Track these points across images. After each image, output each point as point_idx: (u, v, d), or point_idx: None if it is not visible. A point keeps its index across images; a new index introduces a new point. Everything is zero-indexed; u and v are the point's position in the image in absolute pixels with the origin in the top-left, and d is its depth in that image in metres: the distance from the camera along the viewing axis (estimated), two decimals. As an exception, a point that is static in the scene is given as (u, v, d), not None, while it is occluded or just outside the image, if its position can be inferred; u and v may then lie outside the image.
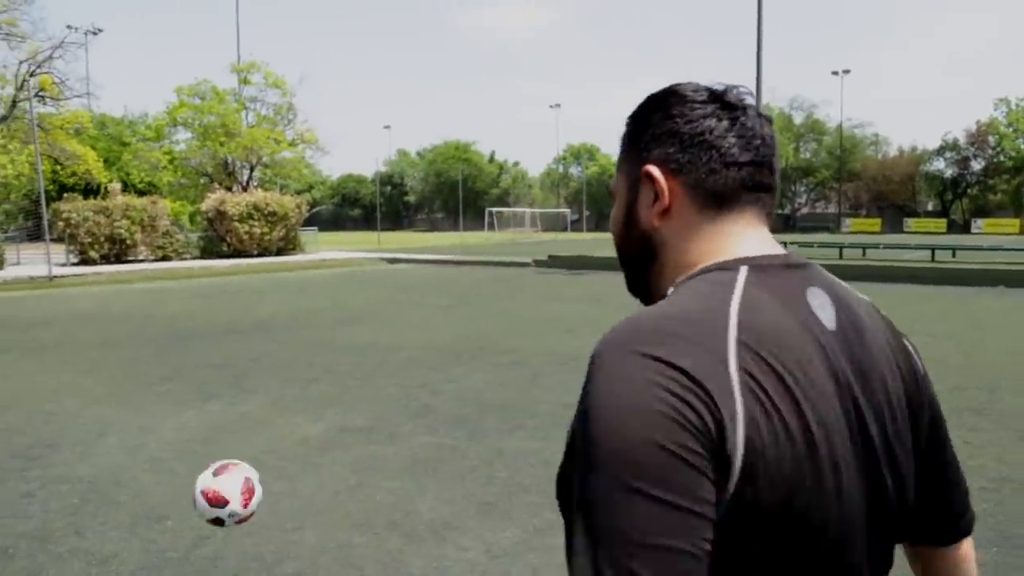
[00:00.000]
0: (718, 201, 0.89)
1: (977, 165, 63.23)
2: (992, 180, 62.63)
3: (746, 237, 0.89)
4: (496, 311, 12.86)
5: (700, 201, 0.89)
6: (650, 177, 0.91)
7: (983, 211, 61.13)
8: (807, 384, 0.76)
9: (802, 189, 71.91)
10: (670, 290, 0.88)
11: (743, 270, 0.84)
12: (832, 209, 69.35)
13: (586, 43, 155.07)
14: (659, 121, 0.92)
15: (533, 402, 6.48)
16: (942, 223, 58.15)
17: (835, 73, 63.36)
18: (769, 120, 0.94)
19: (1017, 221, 55.44)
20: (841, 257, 22.18)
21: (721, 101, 0.92)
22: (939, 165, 64.83)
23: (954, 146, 63.29)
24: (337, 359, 8.52)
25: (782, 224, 64.18)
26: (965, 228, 57.05)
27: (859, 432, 0.80)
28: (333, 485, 4.62)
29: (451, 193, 73.15)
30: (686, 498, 0.69)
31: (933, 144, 66.65)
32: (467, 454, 5.16)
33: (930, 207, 66.50)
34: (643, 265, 0.95)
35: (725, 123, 0.90)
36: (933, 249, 21.28)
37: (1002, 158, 61.15)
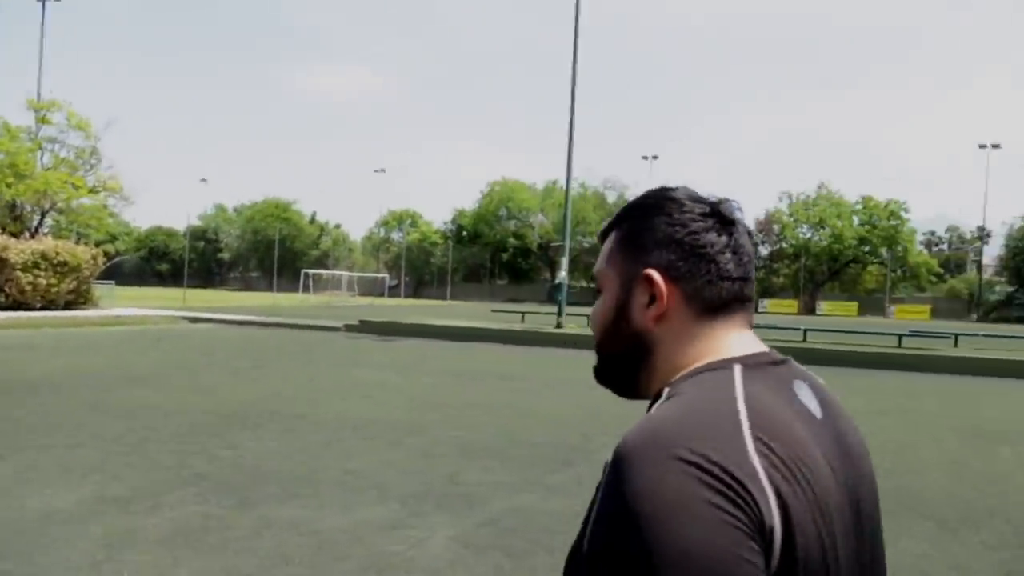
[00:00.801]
0: (712, 310, 0.94)
1: (764, 250, 69.67)
2: (776, 264, 69.18)
3: (735, 340, 0.94)
4: (295, 375, 12.50)
5: (696, 309, 0.94)
6: (650, 281, 0.94)
7: (769, 292, 67.15)
8: (810, 471, 0.81)
9: (612, 264, 76.06)
10: (666, 390, 0.90)
11: (736, 368, 0.89)
12: (639, 285, 73.66)
13: (416, 109, 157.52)
14: (661, 226, 0.96)
15: (317, 470, 6.32)
16: (734, 302, 63.28)
17: (645, 158, 68.25)
18: (751, 234, 1.00)
19: (796, 302, 61.35)
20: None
21: (719, 215, 0.97)
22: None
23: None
24: (109, 423, 7.91)
25: (593, 297, 67.12)
26: (754, 307, 62.29)
27: (851, 513, 0.86)
28: (75, 561, 4.26)
29: (267, 252, 71.08)
30: None
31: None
32: (233, 524, 4.93)
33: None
34: (631, 362, 0.98)
35: (724, 239, 0.95)
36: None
37: (784, 245, 67.84)
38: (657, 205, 0.98)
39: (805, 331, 20.95)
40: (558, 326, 23.58)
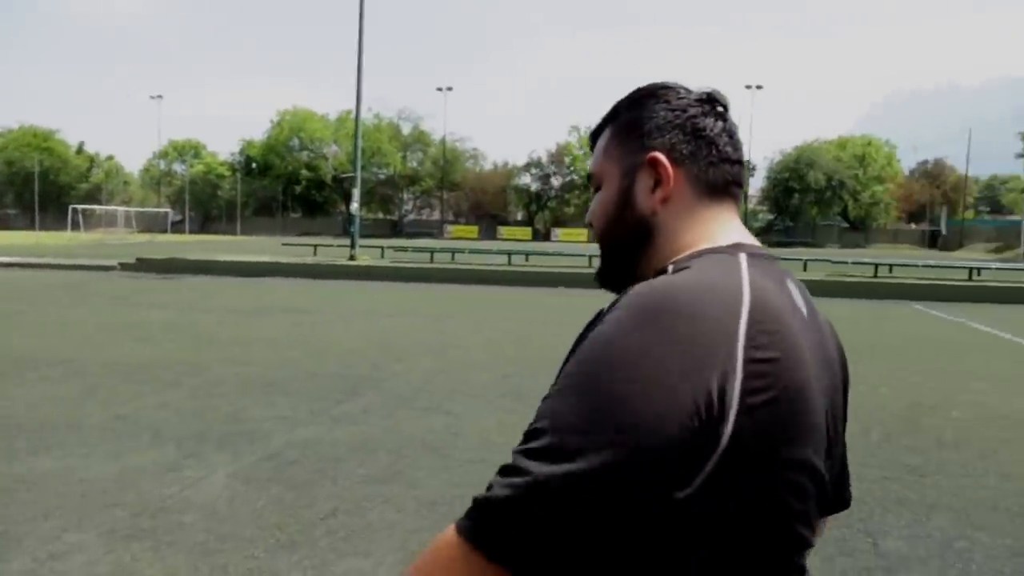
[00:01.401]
0: (712, 192, 0.96)
1: (557, 181, 72.15)
2: (568, 195, 71.92)
3: (732, 226, 0.96)
4: (59, 319, 11.48)
5: (698, 191, 0.95)
6: (654, 164, 0.95)
7: (561, 222, 69.88)
8: (804, 360, 0.80)
9: (409, 196, 75.64)
10: (670, 266, 0.90)
11: (742, 255, 0.89)
12: (436, 216, 73.96)
13: (197, 35, 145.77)
14: (661, 112, 0.97)
15: (81, 417, 5.89)
16: (528, 231, 65.32)
17: (439, 89, 67.73)
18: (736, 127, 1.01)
19: (586, 231, 64.31)
20: (432, 261, 23.70)
21: (713, 101, 0.98)
22: (526, 180, 72.80)
23: (538, 163, 71.49)
24: None
25: (390, 229, 66.79)
26: (547, 236, 64.64)
27: (824, 407, 0.85)
28: None
29: (26, 186, 63.87)
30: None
31: (522, 160, 74.53)
32: (-19, 481, 4.51)
33: (519, 217, 74.14)
34: (635, 248, 0.98)
35: (721, 123, 0.97)
36: (509, 254, 23.79)
37: (575, 177, 70.51)
38: (653, 94, 0.99)
39: (590, 257, 22.06)
40: (351, 258, 23.25)
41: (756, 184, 75.04)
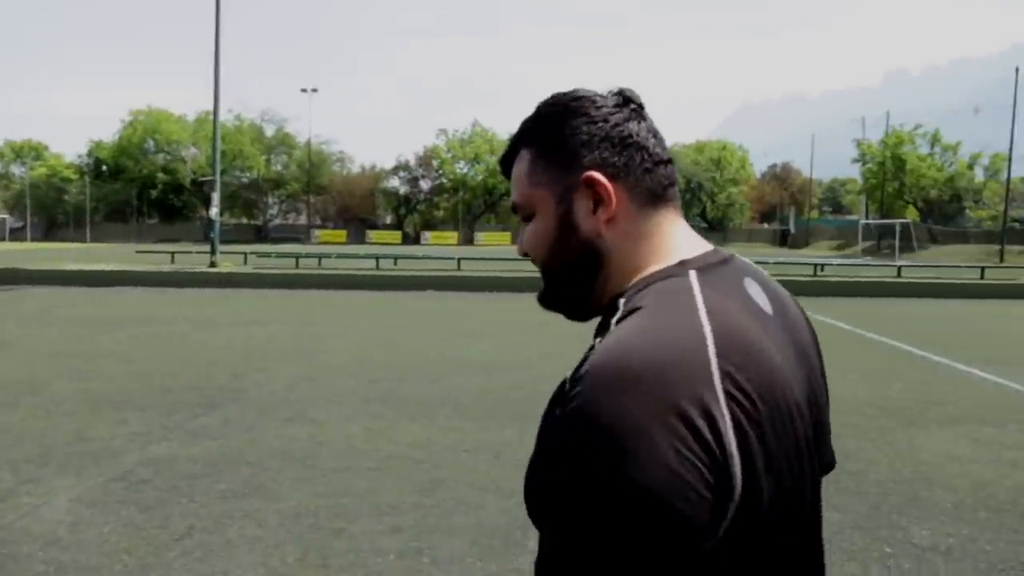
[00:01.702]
0: (654, 200, 0.92)
1: (426, 184, 71.90)
2: (437, 198, 71.83)
3: (678, 234, 0.93)
4: None
5: (639, 203, 0.91)
6: (591, 184, 0.89)
7: (431, 225, 69.70)
8: (774, 396, 0.79)
9: (274, 200, 73.46)
10: (621, 301, 0.86)
11: (692, 275, 0.86)
12: (303, 221, 72.17)
13: (39, 31, 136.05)
14: (582, 127, 0.91)
15: (-100, 444, 5.36)
16: (398, 235, 64.82)
17: (304, 91, 66.02)
18: None
19: (456, 234, 64.47)
20: (298, 266, 23.09)
21: (629, 101, 0.93)
22: (394, 183, 72.14)
23: (406, 167, 70.98)
24: None
25: (254, 234, 64.63)
26: (417, 240, 64.31)
27: (807, 398, 0.86)
28: None
29: None
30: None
31: (390, 163, 73.84)
32: None
33: (388, 220, 73.43)
34: (586, 275, 0.92)
35: (644, 124, 0.93)
36: (378, 258, 23.51)
37: (444, 180, 70.54)
38: (569, 109, 0.93)
39: (459, 260, 22.11)
40: (212, 265, 22.34)
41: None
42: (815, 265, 24.88)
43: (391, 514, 4.18)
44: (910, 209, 62.13)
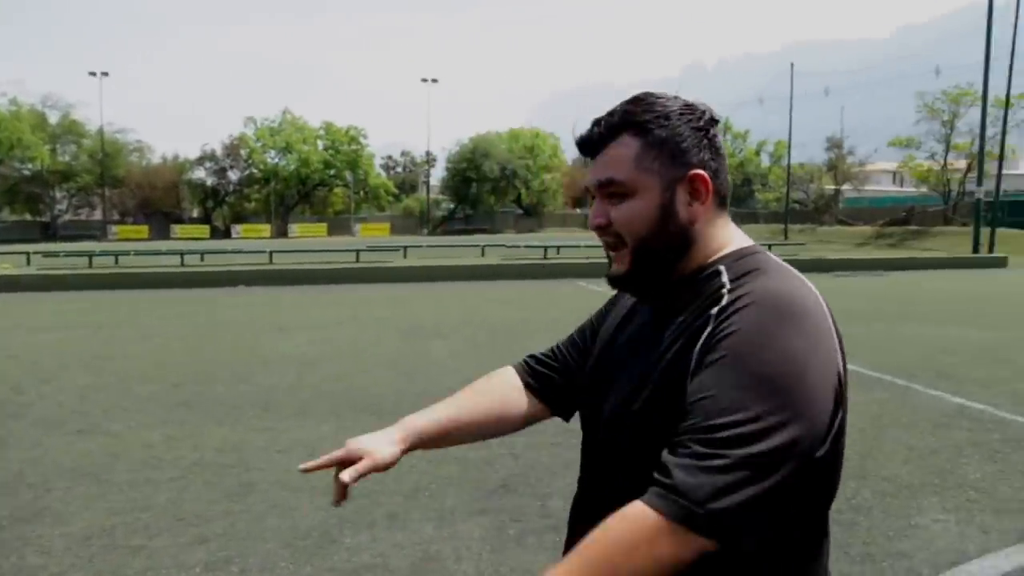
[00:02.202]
0: (724, 201, 1.14)
1: (234, 175, 68.52)
2: (247, 189, 68.72)
3: (736, 228, 1.16)
4: None
5: (719, 200, 1.12)
6: (699, 180, 1.09)
7: (242, 217, 66.57)
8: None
9: (63, 195, 67.06)
10: (721, 267, 1.09)
11: (769, 252, 1.12)
12: (98, 216, 66.56)
13: None
14: (690, 131, 1.09)
15: None
16: (205, 229, 61.28)
17: (93, 74, 60.77)
18: None
19: (269, 226, 62.01)
20: (91, 266, 21.33)
21: (715, 121, 1.13)
22: (200, 174, 68.19)
23: (212, 156, 67.30)
24: None
25: (40, 232, 58.82)
26: (226, 234, 61.16)
27: None
28: None
29: None
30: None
31: (194, 154, 69.64)
32: None
33: (195, 214, 69.42)
34: (677, 254, 1.10)
35: (721, 139, 1.13)
36: (182, 254, 22.16)
37: (254, 170, 67.58)
38: (680, 112, 1.10)
39: (271, 253, 21.32)
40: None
41: (437, 175, 77.77)
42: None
43: (197, 524, 3.94)
44: (707, 192, 66.49)
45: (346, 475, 1.19)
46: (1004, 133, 32.18)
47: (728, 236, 1.14)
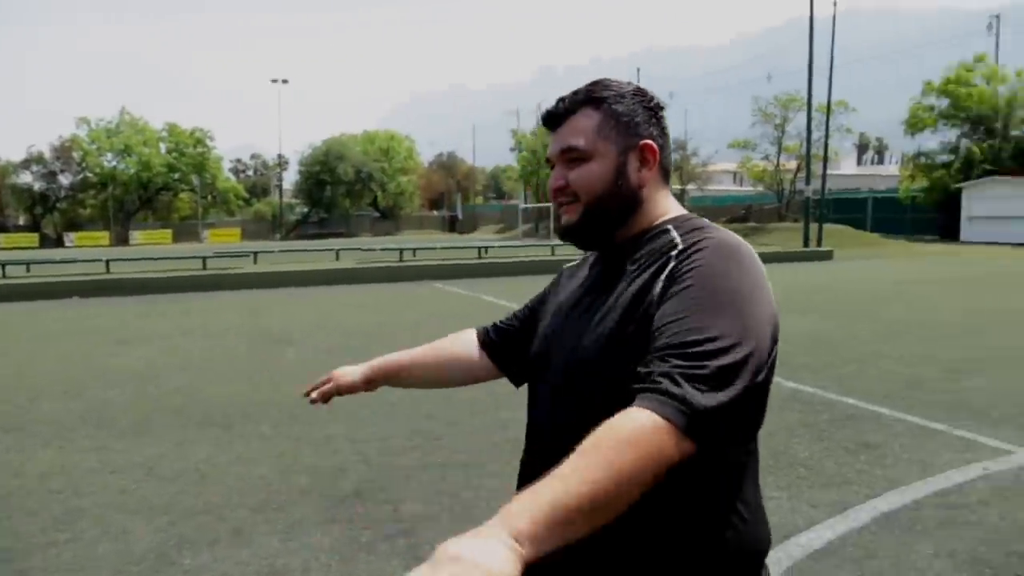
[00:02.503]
0: (667, 175, 1.32)
1: (66, 180, 63.86)
2: (81, 195, 64.25)
3: (674, 200, 1.33)
4: None
5: (663, 173, 1.31)
6: (646, 149, 1.27)
7: (76, 225, 62.17)
8: None
9: None
10: (670, 226, 1.25)
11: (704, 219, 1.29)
12: (-95, 225, 60.28)
13: None
14: (641, 108, 1.28)
15: None
16: (34, 237, 56.74)
17: None
18: None
19: (107, 233, 58.23)
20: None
21: (662, 107, 1.33)
22: (27, 178, 63.10)
23: (40, 159, 62.47)
24: None
25: None
26: (59, 242, 56.92)
27: None
28: None
29: None
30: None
31: (19, 156, 64.24)
32: None
33: (22, 221, 64.21)
34: (623, 214, 1.27)
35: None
36: (4, 265, 20.38)
37: (88, 174, 63.27)
38: (634, 93, 1.28)
39: (108, 262, 20.00)
40: None
41: (291, 178, 75.45)
42: (479, 248, 26.29)
43: (11, 560, 3.60)
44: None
45: (314, 394, 1.65)
46: (827, 136, 34.79)
47: (669, 205, 1.31)
